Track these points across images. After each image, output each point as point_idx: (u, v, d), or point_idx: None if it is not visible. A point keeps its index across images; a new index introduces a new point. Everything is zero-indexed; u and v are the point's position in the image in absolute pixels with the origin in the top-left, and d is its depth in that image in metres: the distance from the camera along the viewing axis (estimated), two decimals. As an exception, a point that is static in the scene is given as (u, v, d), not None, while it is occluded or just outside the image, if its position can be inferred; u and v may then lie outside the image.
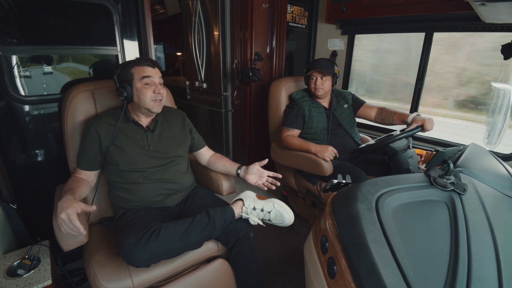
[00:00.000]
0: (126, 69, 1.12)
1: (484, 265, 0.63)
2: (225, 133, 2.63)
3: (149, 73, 1.12)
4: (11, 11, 1.21)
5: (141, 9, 1.52)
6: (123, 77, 1.11)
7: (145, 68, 1.12)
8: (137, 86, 1.11)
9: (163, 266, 1.05)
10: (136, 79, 1.11)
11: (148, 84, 1.12)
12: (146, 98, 1.12)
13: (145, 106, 1.13)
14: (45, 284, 0.98)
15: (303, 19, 2.44)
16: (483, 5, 1.16)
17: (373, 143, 1.59)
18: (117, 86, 1.11)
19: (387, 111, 1.76)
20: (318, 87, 1.74)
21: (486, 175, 0.93)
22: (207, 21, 2.39)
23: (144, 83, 1.11)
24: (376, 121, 1.81)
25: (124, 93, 1.10)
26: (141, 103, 1.13)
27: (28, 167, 1.39)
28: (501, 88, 1.75)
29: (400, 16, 1.87)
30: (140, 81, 1.11)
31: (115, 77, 1.12)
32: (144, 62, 1.13)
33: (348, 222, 0.69)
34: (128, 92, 1.10)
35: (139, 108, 1.17)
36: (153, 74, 1.13)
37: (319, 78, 1.73)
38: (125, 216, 1.12)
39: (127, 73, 1.11)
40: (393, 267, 0.58)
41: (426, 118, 1.51)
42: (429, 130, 1.49)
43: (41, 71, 1.36)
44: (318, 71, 1.72)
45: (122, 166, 1.14)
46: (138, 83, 1.11)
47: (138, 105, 1.14)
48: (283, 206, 1.15)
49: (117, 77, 1.12)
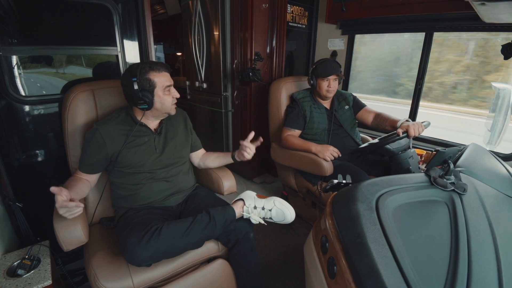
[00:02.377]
0: (145, 77, 1.08)
1: (484, 265, 0.63)
2: (225, 133, 2.63)
3: (169, 81, 1.14)
4: (11, 11, 1.21)
5: (141, 9, 1.52)
6: (144, 86, 1.09)
7: (165, 74, 1.13)
8: (159, 93, 1.11)
9: (163, 266, 1.05)
10: (158, 87, 1.11)
11: (169, 91, 1.14)
12: (168, 103, 1.15)
13: (166, 111, 1.17)
14: (45, 284, 0.99)
15: (303, 19, 2.44)
16: (483, 4, 1.16)
17: (366, 145, 1.61)
18: (140, 95, 1.07)
19: (381, 117, 1.73)
20: (331, 89, 1.73)
21: (486, 175, 0.93)
22: (207, 21, 2.39)
23: (166, 91, 1.13)
24: (372, 126, 1.80)
25: (145, 103, 1.09)
26: (163, 109, 1.15)
27: (28, 167, 1.39)
28: (501, 88, 1.75)
29: (400, 16, 1.87)
30: (162, 90, 1.12)
31: (136, 85, 1.06)
32: (160, 68, 1.12)
33: (348, 222, 0.69)
34: (149, 101, 1.09)
35: (158, 113, 1.17)
36: (171, 82, 1.15)
37: (333, 80, 1.72)
38: (126, 216, 1.12)
39: (149, 81, 1.09)
40: (393, 267, 0.58)
41: (412, 124, 1.46)
42: (415, 136, 1.44)
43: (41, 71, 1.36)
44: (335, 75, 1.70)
45: (129, 168, 1.14)
46: (160, 91, 1.11)
47: (159, 111, 1.15)
48: (283, 204, 1.16)
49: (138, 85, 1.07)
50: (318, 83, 1.75)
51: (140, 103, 1.09)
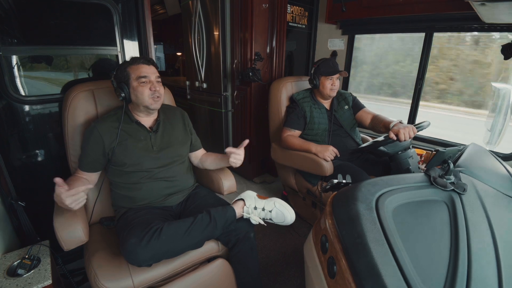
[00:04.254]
0: (122, 70, 1.13)
1: (484, 265, 0.63)
2: (225, 133, 2.63)
3: (144, 72, 1.12)
4: (11, 11, 1.21)
5: (141, 9, 1.52)
6: (120, 78, 1.13)
7: (140, 66, 1.13)
8: (133, 85, 1.12)
9: (163, 266, 1.05)
10: (132, 78, 1.12)
11: (144, 82, 1.12)
12: (143, 96, 1.12)
13: (143, 103, 1.14)
14: (45, 284, 0.98)
15: (303, 19, 2.44)
16: (483, 5, 1.16)
17: (365, 145, 1.62)
18: (115, 86, 1.12)
19: (377, 119, 1.71)
20: (335, 88, 1.73)
21: (486, 175, 0.93)
22: (207, 21, 2.39)
23: (140, 82, 1.12)
24: (369, 128, 1.79)
25: (122, 94, 1.11)
26: (139, 102, 1.14)
27: (28, 167, 1.39)
28: (501, 88, 1.75)
29: (400, 16, 1.87)
30: (136, 80, 1.11)
31: (112, 78, 1.14)
32: (138, 60, 1.14)
33: (348, 222, 0.69)
34: (125, 92, 1.11)
35: (138, 107, 1.17)
36: (148, 73, 1.13)
37: (335, 79, 1.73)
38: (126, 216, 1.12)
39: (123, 73, 1.12)
40: (393, 267, 0.58)
41: (403, 128, 1.40)
42: (404, 140, 1.39)
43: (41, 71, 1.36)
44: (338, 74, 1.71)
45: (126, 167, 1.14)
46: (134, 82, 1.12)
47: (137, 103, 1.15)
48: (284, 205, 1.16)
49: (114, 78, 1.13)
50: (322, 82, 1.74)
51: (117, 95, 1.12)
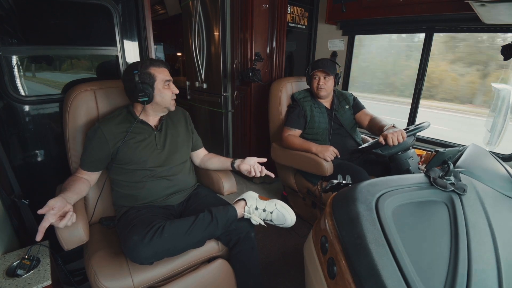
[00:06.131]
0: (145, 71, 1.12)
1: (484, 265, 0.63)
2: (225, 134, 2.63)
3: (168, 76, 1.18)
4: (11, 11, 1.21)
5: (141, 10, 1.52)
6: (144, 78, 1.12)
7: (163, 70, 1.17)
8: (159, 87, 1.14)
9: (163, 266, 1.05)
10: (158, 81, 1.14)
11: (168, 85, 1.17)
12: (168, 98, 1.17)
13: (165, 105, 1.19)
14: (44, 284, 0.98)
15: (303, 20, 2.44)
16: (483, 6, 1.16)
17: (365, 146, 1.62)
18: (140, 87, 1.10)
19: (374, 122, 1.71)
20: (321, 87, 1.73)
21: (486, 176, 0.93)
22: (207, 21, 2.39)
23: (165, 85, 1.16)
24: (366, 129, 1.80)
25: (142, 94, 1.11)
26: (163, 103, 1.17)
27: (28, 167, 1.38)
28: (501, 88, 1.75)
29: (400, 16, 1.87)
30: (162, 83, 1.15)
31: (137, 78, 1.09)
32: (160, 64, 1.17)
33: (348, 223, 0.69)
34: (149, 93, 1.12)
35: (158, 107, 1.19)
36: (170, 77, 1.19)
37: (322, 78, 1.73)
38: (127, 214, 1.12)
39: (148, 74, 1.12)
40: (393, 268, 0.58)
41: (391, 132, 1.38)
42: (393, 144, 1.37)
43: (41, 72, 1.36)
44: (321, 71, 1.71)
45: (130, 165, 1.15)
46: (160, 84, 1.14)
47: (160, 104, 1.17)
48: (285, 207, 1.16)
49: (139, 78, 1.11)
50: (311, 80, 1.78)
51: (141, 95, 1.11)
